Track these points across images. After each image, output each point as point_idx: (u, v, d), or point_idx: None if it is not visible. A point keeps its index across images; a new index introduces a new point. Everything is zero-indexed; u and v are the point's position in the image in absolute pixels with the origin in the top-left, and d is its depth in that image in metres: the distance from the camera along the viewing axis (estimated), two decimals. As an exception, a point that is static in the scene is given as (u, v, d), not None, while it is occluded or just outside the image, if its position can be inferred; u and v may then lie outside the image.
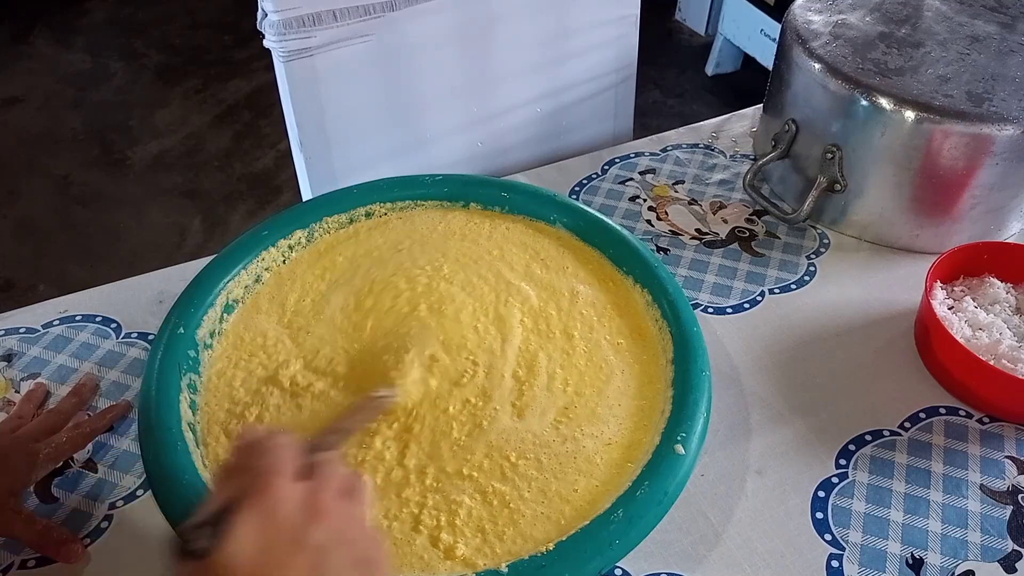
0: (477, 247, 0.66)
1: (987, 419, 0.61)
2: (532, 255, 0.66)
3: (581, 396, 0.56)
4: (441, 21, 0.87)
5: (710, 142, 0.90)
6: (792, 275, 0.73)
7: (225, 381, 0.57)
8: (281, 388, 0.56)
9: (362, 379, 0.56)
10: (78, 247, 1.96)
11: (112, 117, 2.38)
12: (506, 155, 1.01)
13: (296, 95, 0.84)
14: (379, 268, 0.64)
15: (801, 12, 0.80)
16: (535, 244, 0.67)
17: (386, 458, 0.52)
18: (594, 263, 0.66)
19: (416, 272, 0.63)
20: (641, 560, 0.52)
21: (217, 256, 0.63)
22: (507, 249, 0.66)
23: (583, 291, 0.63)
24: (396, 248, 0.66)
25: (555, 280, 0.64)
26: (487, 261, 0.65)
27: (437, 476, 0.51)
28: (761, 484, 0.57)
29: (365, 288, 0.62)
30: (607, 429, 0.54)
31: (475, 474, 0.51)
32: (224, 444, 0.53)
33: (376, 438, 0.52)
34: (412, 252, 0.66)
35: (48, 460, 0.55)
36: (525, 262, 0.65)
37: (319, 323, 0.60)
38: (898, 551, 0.53)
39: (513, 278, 0.63)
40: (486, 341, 0.58)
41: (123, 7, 2.90)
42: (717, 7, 2.53)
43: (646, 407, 0.55)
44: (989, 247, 0.68)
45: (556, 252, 0.67)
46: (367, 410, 0.51)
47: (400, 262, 0.64)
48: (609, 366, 0.58)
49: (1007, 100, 0.68)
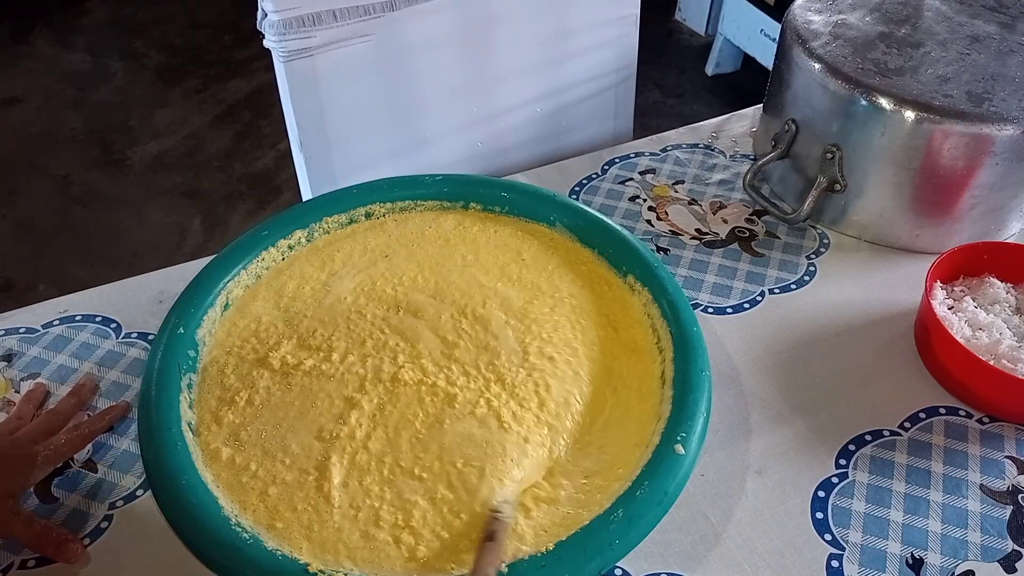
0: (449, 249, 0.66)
1: (987, 419, 0.61)
2: (514, 256, 0.66)
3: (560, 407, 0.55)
4: (441, 21, 0.87)
5: (710, 142, 0.90)
6: (792, 275, 0.73)
7: (217, 368, 0.57)
8: (271, 370, 0.56)
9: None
10: (78, 247, 1.96)
11: (112, 117, 2.38)
12: (506, 155, 1.01)
13: (296, 95, 0.84)
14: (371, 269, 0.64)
15: (801, 12, 0.80)
16: (520, 245, 0.67)
17: (356, 437, 0.52)
18: (588, 264, 0.66)
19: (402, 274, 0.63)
20: (641, 560, 0.52)
21: (217, 256, 0.63)
22: (487, 252, 0.66)
23: (567, 295, 0.63)
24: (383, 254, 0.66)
25: (540, 282, 0.64)
26: (460, 266, 0.65)
27: (392, 469, 0.50)
28: (761, 484, 0.57)
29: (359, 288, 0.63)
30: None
31: (424, 475, 0.50)
32: (215, 432, 0.53)
33: (353, 412, 0.53)
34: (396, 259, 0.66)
35: (47, 462, 0.55)
36: (503, 264, 0.65)
37: (318, 308, 0.61)
38: (898, 551, 0.53)
39: (488, 280, 0.63)
40: (472, 342, 0.58)
41: (123, 7, 2.90)
42: (717, 7, 2.53)
43: (645, 408, 0.55)
44: (989, 247, 0.68)
45: (543, 253, 0.66)
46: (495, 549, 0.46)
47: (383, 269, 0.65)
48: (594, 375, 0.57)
49: (1007, 100, 0.68)
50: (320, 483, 0.49)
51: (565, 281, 0.64)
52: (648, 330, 0.60)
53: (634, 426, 0.54)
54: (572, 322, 0.60)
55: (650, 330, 0.60)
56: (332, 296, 0.62)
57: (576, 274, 0.65)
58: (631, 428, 0.54)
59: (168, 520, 0.47)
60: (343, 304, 0.61)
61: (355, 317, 0.60)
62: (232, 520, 0.47)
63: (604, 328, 0.61)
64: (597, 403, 0.56)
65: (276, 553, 0.45)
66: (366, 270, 0.64)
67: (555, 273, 0.65)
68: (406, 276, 0.64)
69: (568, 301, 0.62)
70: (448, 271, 0.64)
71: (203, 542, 0.46)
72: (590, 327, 0.60)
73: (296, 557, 0.45)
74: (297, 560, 0.45)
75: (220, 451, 0.52)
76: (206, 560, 0.45)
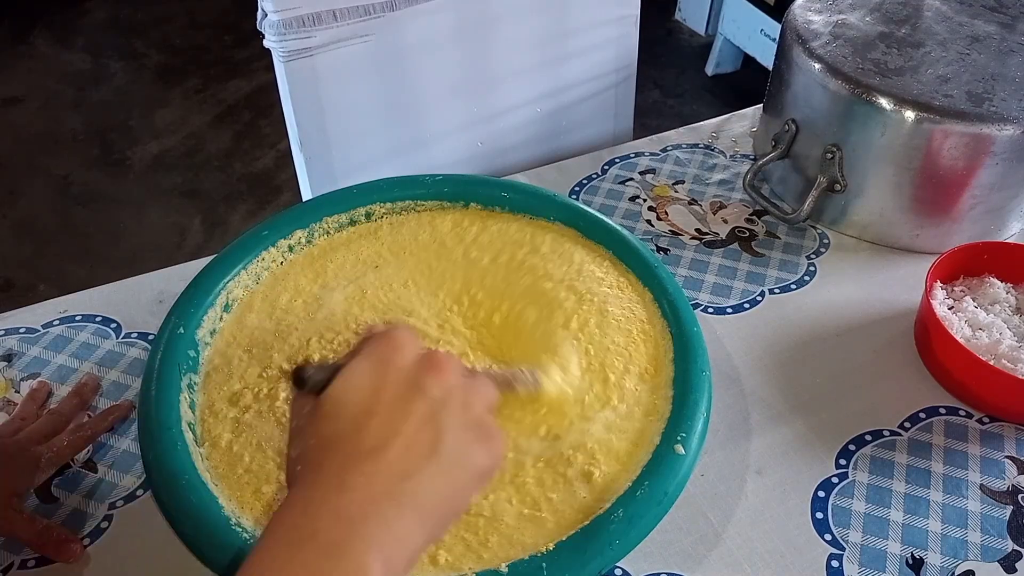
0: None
1: (987, 419, 0.61)
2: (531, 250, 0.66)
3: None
4: (441, 21, 0.87)
5: (710, 142, 0.90)
6: (792, 275, 0.73)
7: (221, 376, 0.57)
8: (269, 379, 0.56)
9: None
10: (78, 247, 1.96)
11: (112, 117, 2.38)
12: (506, 155, 1.01)
13: (296, 95, 0.84)
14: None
15: (801, 12, 0.80)
16: (533, 241, 0.67)
17: None
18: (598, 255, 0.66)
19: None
20: (641, 560, 0.52)
21: (217, 256, 0.63)
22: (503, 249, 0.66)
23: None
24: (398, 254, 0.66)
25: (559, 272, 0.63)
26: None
27: None
28: (761, 484, 0.57)
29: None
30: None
31: None
32: (214, 423, 0.53)
33: None
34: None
35: (50, 464, 0.56)
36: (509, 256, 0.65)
37: (310, 321, 0.60)
38: (898, 551, 0.53)
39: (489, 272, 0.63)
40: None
41: (123, 7, 2.90)
42: (717, 7, 2.53)
43: (646, 408, 0.55)
44: (989, 247, 0.68)
45: (560, 246, 0.66)
46: (504, 379, 0.46)
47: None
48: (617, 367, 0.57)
49: (1007, 100, 0.68)
50: None
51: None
52: (651, 323, 0.60)
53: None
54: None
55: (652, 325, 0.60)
56: (324, 309, 0.61)
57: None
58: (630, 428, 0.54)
59: (168, 520, 0.47)
60: (335, 316, 0.61)
61: (343, 327, 0.59)
62: (232, 520, 0.46)
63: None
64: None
65: (276, 553, 0.45)
66: (356, 281, 0.64)
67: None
68: (395, 283, 0.63)
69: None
70: (440, 274, 0.64)
71: (203, 542, 0.46)
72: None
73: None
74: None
75: (220, 438, 0.52)
76: (206, 560, 0.45)
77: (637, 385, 0.55)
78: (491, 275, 0.63)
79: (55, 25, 2.80)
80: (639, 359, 0.57)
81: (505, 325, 0.59)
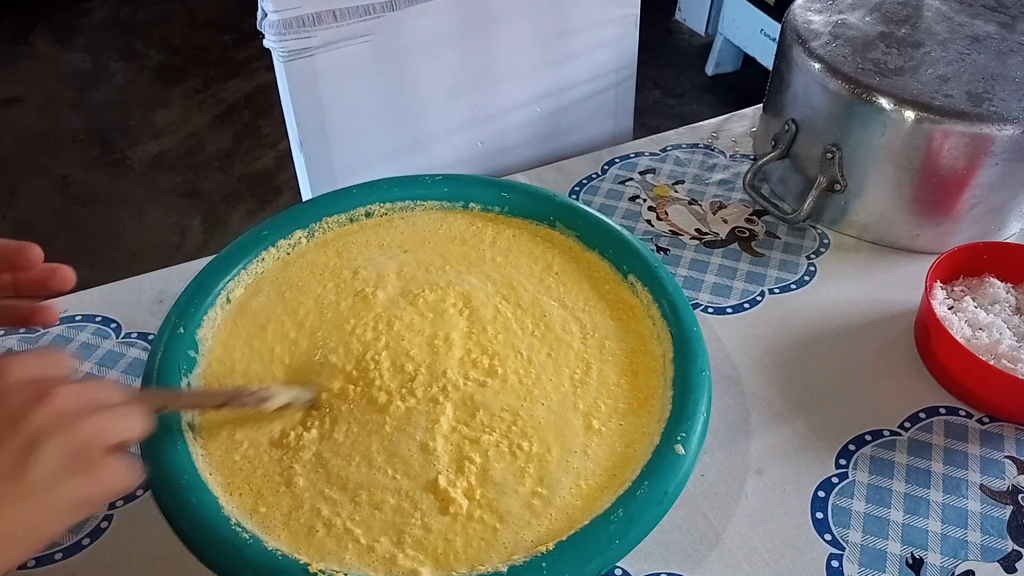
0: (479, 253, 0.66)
1: (987, 419, 0.61)
2: (544, 266, 0.66)
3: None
4: (441, 21, 0.87)
5: (710, 142, 0.90)
6: (792, 275, 0.73)
7: (223, 375, 0.57)
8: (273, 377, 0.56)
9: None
10: (78, 247, 1.96)
11: (112, 117, 2.38)
12: (506, 155, 1.01)
13: (296, 95, 0.84)
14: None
15: (801, 12, 0.80)
16: (542, 253, 0.67)
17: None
18: (596, 267, 0.66)
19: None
20: (641, 560, 0.52)
21: (217, 256, 0.63)
22: (512, 257, 0.66)
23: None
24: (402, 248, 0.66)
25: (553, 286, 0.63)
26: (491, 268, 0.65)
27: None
28: (761, 484, 0.57)
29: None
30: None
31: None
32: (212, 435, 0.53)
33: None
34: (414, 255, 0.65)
35: None
36: (535, 271, 0.65)
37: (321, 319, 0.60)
38: (898, 551, 0.53)
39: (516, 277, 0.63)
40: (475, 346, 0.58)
41: (123, 7, 2.90)
42: (717, 7, 2.53)
43: (645, 407, 0.55)
44: (989, 247, 0.68)
45: (561, 259, 0.66)
46: (229, 396, 0.50)
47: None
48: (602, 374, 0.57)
49: (1007, 100, 0.68)
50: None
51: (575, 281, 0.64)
52: (648, 324, 0.60)
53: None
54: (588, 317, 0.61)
55: (649, 325, 0.60)
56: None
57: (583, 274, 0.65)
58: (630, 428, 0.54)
59: (168, 520, 0.47)
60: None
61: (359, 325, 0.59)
62: (232, 520, 0.46)
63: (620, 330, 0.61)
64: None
65: (276, 553, 0.45)
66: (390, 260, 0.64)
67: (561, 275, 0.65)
68: (432, 265, 0.63)
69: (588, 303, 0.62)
70: (474, 265, 0.64)
71: (203, 542, 0.46)
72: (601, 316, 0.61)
73: (296, 557, 0.45)
74: (297, 560, 0.45)
75: (220, 436, 0.52)
76: (206, 560, 0.45)
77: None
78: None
79: (55, 25, 2.80)
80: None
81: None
